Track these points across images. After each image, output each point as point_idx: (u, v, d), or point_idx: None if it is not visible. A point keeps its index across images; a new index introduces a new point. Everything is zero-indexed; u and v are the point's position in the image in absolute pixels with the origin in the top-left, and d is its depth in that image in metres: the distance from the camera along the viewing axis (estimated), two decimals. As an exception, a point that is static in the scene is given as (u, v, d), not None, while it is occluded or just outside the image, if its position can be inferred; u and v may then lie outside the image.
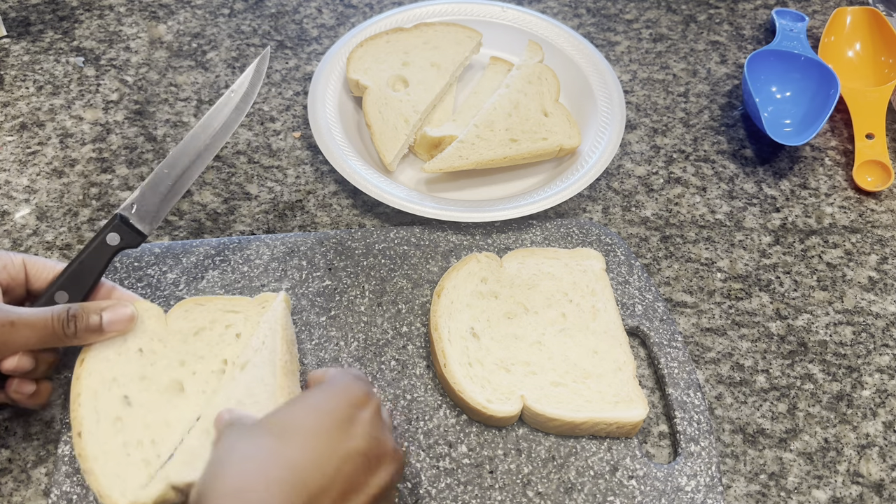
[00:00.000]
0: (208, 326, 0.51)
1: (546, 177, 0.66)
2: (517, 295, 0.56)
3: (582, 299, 0.56)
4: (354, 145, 0.65)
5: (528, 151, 0.64)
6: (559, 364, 0.53)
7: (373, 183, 0.61)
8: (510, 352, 0.53)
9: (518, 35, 0.75)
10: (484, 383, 0.51)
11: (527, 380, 0.51)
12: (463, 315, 0.54)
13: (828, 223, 0.66)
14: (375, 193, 0.61)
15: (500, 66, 0.72)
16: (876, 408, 0.55)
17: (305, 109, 0.70)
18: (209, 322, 0.51)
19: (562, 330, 0.54)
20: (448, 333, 0.53)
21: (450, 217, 0.60)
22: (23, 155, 0.66)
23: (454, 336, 0.53)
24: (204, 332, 0.51)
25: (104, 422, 0.46)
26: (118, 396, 0.47)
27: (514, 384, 0.51)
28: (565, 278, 0.57)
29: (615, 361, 0.53)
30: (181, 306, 0.52)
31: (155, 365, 0.49)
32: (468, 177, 0.66)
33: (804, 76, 0.74)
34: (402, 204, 0.60)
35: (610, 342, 0.54)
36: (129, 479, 0.45)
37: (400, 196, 0.61)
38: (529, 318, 0.55)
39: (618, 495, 0.49)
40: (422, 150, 0.67)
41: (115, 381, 0.48)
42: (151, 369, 0.49)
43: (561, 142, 0.65)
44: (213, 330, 0.51)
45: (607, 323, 0.55)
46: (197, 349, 0.50)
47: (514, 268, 0.58)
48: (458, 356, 0.52)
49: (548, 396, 0.51)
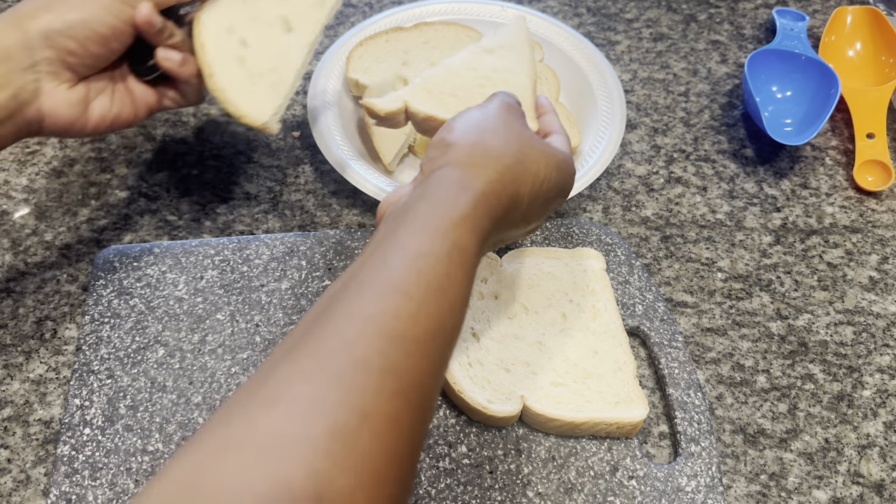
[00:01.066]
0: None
1: None
2: (517, 295, 0.56)
3: (582, 299, 0.56)
4: (354, 145, 0.65)
5: None
6: (559, 364, 0.53)
7: (373, 183, 0.61)
8: (510, 352, 0.53)
9: None
10: (484, 384, 0.51)
11: (527, 380, 0.51)
12: None
13: (828, 223, 0.66)
14: (375, 193, 0.61)
15: None
16: (876, 408, 0.55)
17: (305, 109, 0.70)
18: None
19: (562, 330, 0.54)
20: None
21: None
22: (22, 155, 0.66)
23: None
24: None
25: (228, 62, 0.53)
26: (236, 40, 0.54)
27: (515, 384, 0.51)
28: (565, 278, 0.57)
29: (615, 362, 0.53)
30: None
31: (259, 3, 0.55)
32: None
33: (805, 76, 0.73)
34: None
35: (610, 342, 0.54)
36: (260, 102, 0.54)
37: None
38: (529, 318, 0.55)
39: (618, 495, 0.49)
40: (421, 150, 0.67)
41: (231, 29, 0.54)
42: (257, 8, 0.55)
43: None
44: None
45: (608, 323, 0.55)
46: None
47: (514, 268, 0.58)
48: (458, 356, 0.52)
49: (548, 397, 0.50)
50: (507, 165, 0.41)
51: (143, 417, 0.50)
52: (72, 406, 0.50)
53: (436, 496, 0.48)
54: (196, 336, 0.54)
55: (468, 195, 0.38)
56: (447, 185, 0.39)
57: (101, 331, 0.54)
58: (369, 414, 0.29)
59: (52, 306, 0.57)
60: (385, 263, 0.34)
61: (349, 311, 0.32)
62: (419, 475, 0.49)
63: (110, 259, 0.58)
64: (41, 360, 0.54)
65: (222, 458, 0.27)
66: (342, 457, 0.27)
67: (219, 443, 0.28)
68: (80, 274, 0.59)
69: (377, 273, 0.34)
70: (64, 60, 0.47)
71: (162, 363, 0.53)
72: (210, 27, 0.53)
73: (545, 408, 0.50)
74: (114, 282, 0.57)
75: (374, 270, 0.34)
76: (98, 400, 0.51)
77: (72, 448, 0.49)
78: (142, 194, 0.64)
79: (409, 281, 0.33)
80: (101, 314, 0.55)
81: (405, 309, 0.32)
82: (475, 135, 0.42)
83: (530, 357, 0.53)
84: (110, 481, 0.48)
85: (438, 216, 0.37)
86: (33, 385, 0.53)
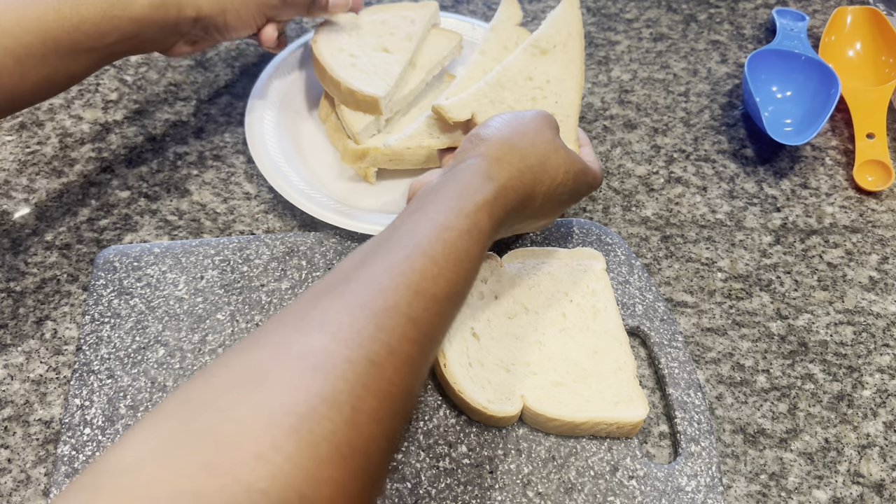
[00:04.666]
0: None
1: None
2: (517, 295, 0.56)
3: (582, 299, 0.56)
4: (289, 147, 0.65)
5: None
6: (559, 364, 0.53)
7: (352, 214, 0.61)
8: (510, 352, 0.53)
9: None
10: (484, 384, 0.51)
11: (527, 380, 0.51)
12: (463, 315, 0.54)
13: (828, 223, 0.66)
14: (357, 227, 0.60)
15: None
16: (876, 408, 0.55)
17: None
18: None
19: (562, 330, 0.54)
20: (448, 333, 0.53)
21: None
22: (22, 154, 0.66)
23: (454, 336, 0.53)
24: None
25: (343, 66, 0.65)
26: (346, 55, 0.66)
27: (515, 384, 0.51)
28: (565, 278, 0.57)
29: (615, 361, 0.53)
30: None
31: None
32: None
33: (805, 76, 0.73)
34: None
35: (610, 342, 0.54)
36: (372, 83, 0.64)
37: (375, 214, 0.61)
38: (530, 318, 0.55)
39: (618, 495, 0.49)
40: (348, 159, 0.64)
41: (341, 49, 0.67)
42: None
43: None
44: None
45: (608, 323, 0.55)
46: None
47: (514, 267, 0.58)
48: (459, 356, 0.52)
49: (548, 397, 0.50)
50: (530, 165, 0.47)
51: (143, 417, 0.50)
52: (72, 406, 0.51)
53: (436, 496, 0.48)
54: (196, 336, 0.54)
55: (491, 185, 0.44)
56: (474, 173, 0.44)
57: (102, 331, 0.54)
58: (394, 351, 0.34)
59: (52, 306, 0.57)
60: (417, 231, 0.40)
61: (385, 265, 0.37)
62: (419, 475, 0.49)
63: (110, 259, 0.58)
64: (41, 360, 0.54)
65: (281, 359, 0.32)
66: (374, 381, 0.32)
67: (277, 348, 0.32)
68: (80, 274, 0.59)
69: (410, 237, 0.39)
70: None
71: (162, 363, 0.53)
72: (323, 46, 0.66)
73: (545, 408, 0.50)
74: (114, 282, 0.57)
75: (408, 235, 0.40)
76: (98, 400, 0.51)
77: (72, 448, 0.49)
78: (142, 194, 0.64)
79: (436, 249, 0.39)
80: (102, 314, 0.55)
81: (430, 270, 0.38)
82: (506, 134, 0.48)
83: (530, 357, 0.53)
84: (110, 481, 0.48)
85: (464, 198, 0.42)
86: (33, 385, 0.53)
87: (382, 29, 0.69)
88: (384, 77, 0.64)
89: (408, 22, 0.69)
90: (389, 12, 0.70)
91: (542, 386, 0.51)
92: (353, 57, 0.65)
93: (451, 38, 0.71)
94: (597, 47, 0.80)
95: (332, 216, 0.59)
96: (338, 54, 0.65)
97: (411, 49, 0.67)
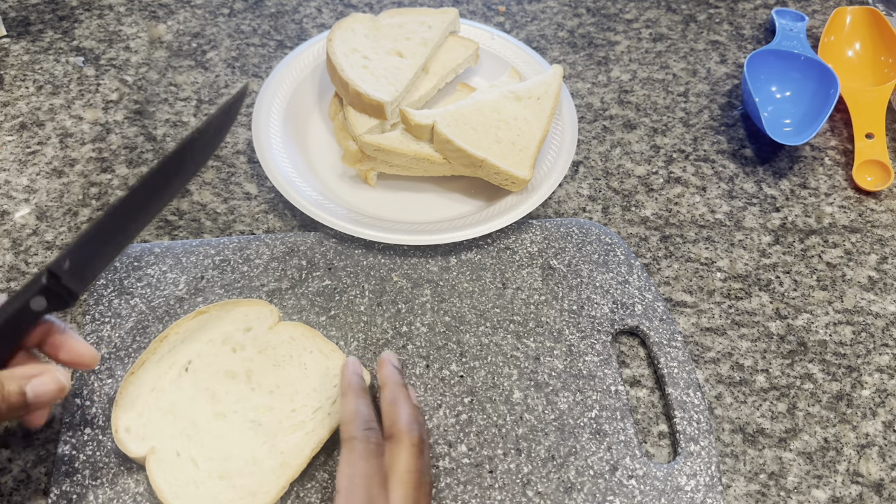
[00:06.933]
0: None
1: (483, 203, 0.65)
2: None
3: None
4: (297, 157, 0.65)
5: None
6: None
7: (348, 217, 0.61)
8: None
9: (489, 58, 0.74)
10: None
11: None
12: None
13: (827, 223, 0.66)
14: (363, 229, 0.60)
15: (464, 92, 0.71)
16: (875, 407, 0.55)
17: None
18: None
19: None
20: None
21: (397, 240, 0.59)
22: (22, 155, 0.66)
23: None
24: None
25: (355, 67, 0.66)
26: (360, 56, 0.67)
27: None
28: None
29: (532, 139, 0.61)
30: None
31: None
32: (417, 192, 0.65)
33: (804, 76, 0.74)
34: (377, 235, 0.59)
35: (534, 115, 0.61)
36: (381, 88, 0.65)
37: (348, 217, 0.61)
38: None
39: (617, 495, 0.49)
40: (348, 160, 0.64)
41: (355, 49, 0.67)
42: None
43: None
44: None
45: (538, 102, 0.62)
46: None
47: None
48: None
49: (462, 131, 0.58)
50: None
51: (143, 417, 0.50)
52: (72, 405, 0.51)
53: (436, 496, 0.48)
54: (196, 336, 0.54)
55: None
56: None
57: (102, 330, 0.54)
58: None
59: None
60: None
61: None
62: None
63: (111, 259, 0.58)
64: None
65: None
66: None
67: None
68: (80, 274, 0.59)
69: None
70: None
71: (162, 363, 0.53)
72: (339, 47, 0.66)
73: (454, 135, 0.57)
74: (114, 282, 0.57)
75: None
76: (99, 399, 0.51)
77: (72, 448, 0.49)
78: (142, 194, 0.64)
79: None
80: (102, 314, 0.55)
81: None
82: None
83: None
84: (111, 481, 0.48)
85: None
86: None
87: (399, 33, 0.69)
88: (393, 82, 0.64)
89: (425, 27, 0.70)
90: (408, 16, 0.71)
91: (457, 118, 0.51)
92: (366, 59, 0.66)
93: (467, 46, 0.71)
94: (596, 47, 0.80)
95: (332, 220, 0.59)
96: (351, 55, 0.66)
97: (425, 55, 0.67)
